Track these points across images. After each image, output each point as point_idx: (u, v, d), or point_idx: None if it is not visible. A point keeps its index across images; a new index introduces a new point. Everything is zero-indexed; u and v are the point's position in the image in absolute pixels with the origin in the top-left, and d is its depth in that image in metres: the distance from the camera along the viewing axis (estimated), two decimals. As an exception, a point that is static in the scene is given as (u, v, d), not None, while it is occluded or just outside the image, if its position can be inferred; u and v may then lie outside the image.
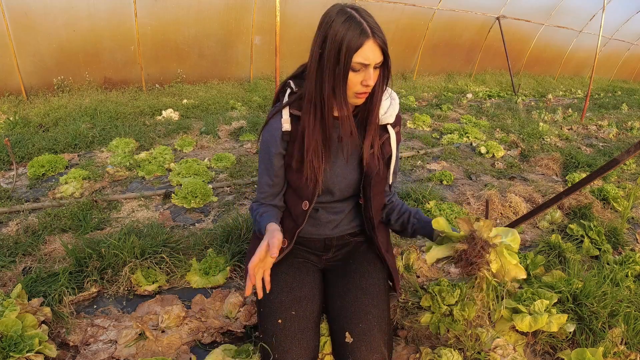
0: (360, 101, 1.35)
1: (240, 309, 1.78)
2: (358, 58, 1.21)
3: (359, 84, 1.27)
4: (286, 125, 1.43)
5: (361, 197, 1.54)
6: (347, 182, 1.50)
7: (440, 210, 2.81)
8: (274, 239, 1.29)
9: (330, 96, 1.29)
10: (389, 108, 1.44)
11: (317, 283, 1.55)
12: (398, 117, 1.50)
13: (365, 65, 1.23)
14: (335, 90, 1.28)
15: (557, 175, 4.10)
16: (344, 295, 1.50)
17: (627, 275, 2.15)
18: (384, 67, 1.30)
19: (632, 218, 3.16)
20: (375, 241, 1.58)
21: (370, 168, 1.45)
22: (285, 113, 1.44)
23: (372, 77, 1.25)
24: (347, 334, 1.38)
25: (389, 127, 1.48)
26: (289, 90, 1.49)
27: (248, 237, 2.31)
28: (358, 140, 1.44)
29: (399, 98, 7.54)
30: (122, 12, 6.01)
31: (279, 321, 1.37)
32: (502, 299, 1.83)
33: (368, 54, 1.21)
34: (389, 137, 1.48)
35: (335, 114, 1.36)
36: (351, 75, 1.25)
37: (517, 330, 1.73)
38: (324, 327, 1.58)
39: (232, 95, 6.50)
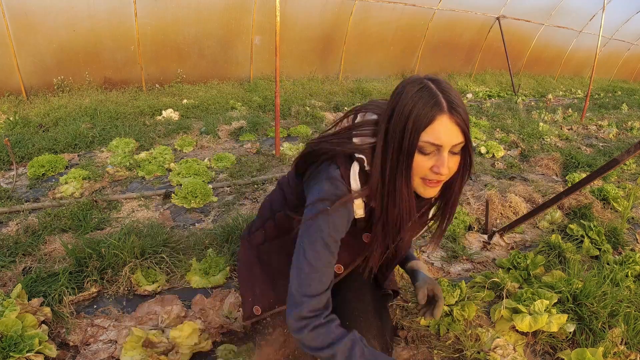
0: (430, 193, 1.08)
1: (240, 309, 1.78)
2: (427, 137, 0.98)
3: (427, 169, 1.02)
4: (359, 212, 1.16)
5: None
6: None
7: (440, 210, 2.81)
8: None
9: (394, 182, 1.05)
10: None
11: None
12: None
13: (438, 147, 1.00)
14: (396, 177, 1.04)
15: (557, 175, 4.10)
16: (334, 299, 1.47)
17: (627, 275, 2.15)
18: (465, 152, 1.04)
19: (632, 218, 3.16)
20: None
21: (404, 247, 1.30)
22: (358, 201, 1.13)
23: (445, 162, 1.00)
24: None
25: None
26: (357, 167, 1.11)
27: (248, 237, 2.31)
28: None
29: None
30: (122, 12, 6.01)
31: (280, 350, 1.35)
32: (502, 298, 1.84)
33: (440, 132, 0.98)
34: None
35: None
36: (418, 158, 1.01)
37: (517, 330, 1.73)
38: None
39: (232, 95, 6.51)
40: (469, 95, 8.66)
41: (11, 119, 4.49)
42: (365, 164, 1.09)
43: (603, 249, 2.53)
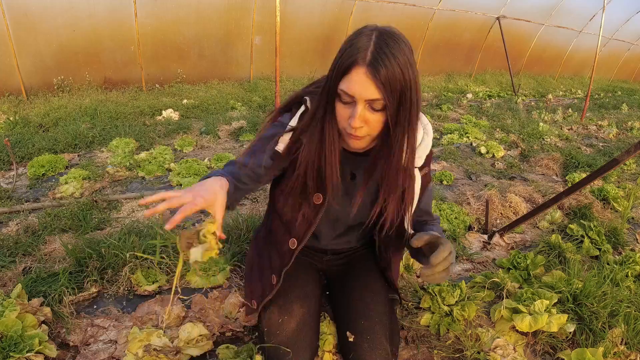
0: (355, 144, 1.08)
1: (241, 309, 1.78)
2: (343, 85, 0.98)
3: (346, 119, 1.02)
4: (281, 146, 1.19)
5: (375, 235, 1.36)
6: (354, 220, 1.34)
7: (440, 210, 2.81)
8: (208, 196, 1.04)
9: (326, 123, 1.07)
10: (418, 147, 1.15)
11: (318, 282, 1.56)
12: (428, 157, 1.25)
13: (352, 98, 0.98)
14: (325, 119, 1.06)
15: (557, 175, 4.10)
16: (346, 294, 1.50)
17: (627, 276, 2.15)
18: (393, 111, 0.99)
19: (632, 218, 3.16)
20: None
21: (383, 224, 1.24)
22: (287, 135, 1.19)
23: (356, 115, 0.98)
24: (347, 332, 1.38)
25: (416, 171, 1.20)
26: (302, 109, 1.19)
27: (248, 237, 2.31)
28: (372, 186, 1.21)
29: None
30: (122, 12, 6.01)
31: (285, 317, 1.38)
32: (503, 298, 1.84)
33: (354, 83, 0.95)
34: (412, 183, 1.20)
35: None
36: (339, 105, 1.02)
37: (517, 330, 1.73)
38: (324, 325, 1.58)
39: (232, 95, 6.50)
40: (469, 95, 8.66)
41: (11, 119, 4.49)
42: (308, 104, 1.16)
43: (603, 249, 2.53)
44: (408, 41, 1.02)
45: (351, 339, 1.37)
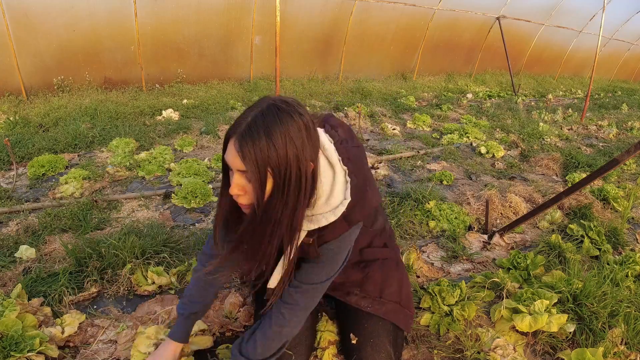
0: (245, 211, 1.09)
1: (240, 309, 1.78)
2: (224, 154, 1.04)
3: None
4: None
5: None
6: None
7: (440, 210, 2.81)
8: None
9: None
10: (317, 214, 1.13)
11: None
12: (332, 228, 1.15)
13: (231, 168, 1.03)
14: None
15: (557, 175, 4.10)
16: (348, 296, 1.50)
17: (627, 276, 2.15)
18: (260, 187, 0.99)
19: (632, 218, 3.16)
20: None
21: None
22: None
23: (233, 184, 1.02)
24: (351, 334, 1.38)
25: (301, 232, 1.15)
26: None
27: (248, 237, 2.31)
28: None
29: (400, 99, 7.37)
30: (122, 12, 6.01)
31: None
32: (503, 298, 1.84)
33: (227, 154, 1.01)
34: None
35: None
36: (229, 175, 1.07)
37: (517, 330, 1.73)
38: (322, 323, 1.58)
39: (232, 95, 6.50)
40: (469, 95, 8.66)
41: (11, 119, 4.49)
42: None
43: (603, 249, 2.53)
44: (303, 117, 1.00)
45: (354, 341, 1.37)
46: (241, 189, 1.02)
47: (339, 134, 1.25)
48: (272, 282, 1.24)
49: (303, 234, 1.15)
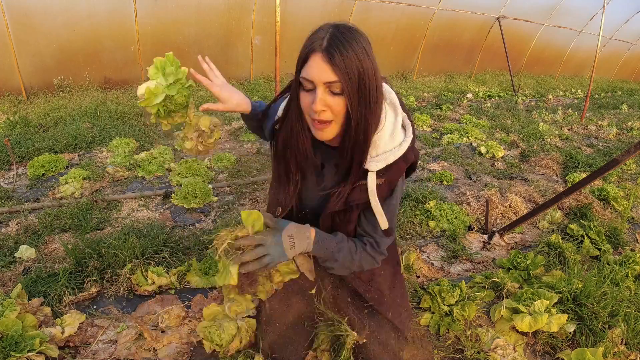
0: (319, 135, 1.09)
1: (240, 309, 1.78)
2: (304, 72, 1.03)
3: (309, 106, 1.05)
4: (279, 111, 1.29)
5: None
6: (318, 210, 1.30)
7: (440, 210, 2.81)
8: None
9: (291, 114, 1.14)
10: (383, 153, 1.13)
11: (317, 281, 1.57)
12: (396, 168, 1.15)
13: (312, 83, 1.02)
14: (291, 109, 1.13)
15: (557, 175, 4.10)
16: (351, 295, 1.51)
17: (627, 276, 2.15)
18: (353, 96, 1.01)
19: (632, 218, 3.16)
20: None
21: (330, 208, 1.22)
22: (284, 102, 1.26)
23: (317, 99, 1.01)
24: (356, 335, 1.39)
25: (369, 174, 1.14)
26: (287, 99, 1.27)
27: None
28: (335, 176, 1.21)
29: (400, 98, 7.45)
30: (122, 12, 6.01)
31: (284, 309, 1.40)
32: (503, 299, 1.84)
33: (311, 68, 1.01)
34: (361, 185, 1.16)
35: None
36: (302, 94, 1.07)
37: (517, 330, 1.73)
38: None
39: (232, 95, 6.50)
40: (469, 95, 8.66)
41: (11, 119, 4.48)
42: None
43: (603, 249, 2.53)
44: (366, 35, 1.05)
45: (360, 342, 1.38)
46: (325, 104, 1.02)
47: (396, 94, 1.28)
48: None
49: (372, 176, 1.14)
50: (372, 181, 1.15)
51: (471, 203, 3.09)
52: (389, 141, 1.12)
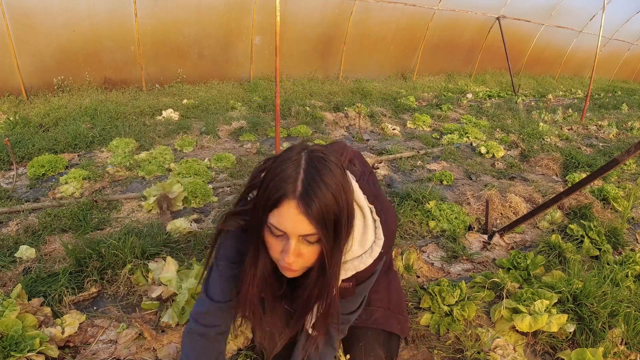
0: (290, 275, 0.99)
1: (240, 309, 1.77)
2: (273, 219, 0.89)
3: (278, 253, 0.93)
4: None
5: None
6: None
7: (440, 210, 2.81)
8: None
9: (260, 247, 0.98)
10: (352, 260, 1.05)
11: None
12: (366, 270, 1.08)
13: (284, 233, 0.89)
14: (255, 249, 0.98)
15: (557, 175, 4.10)
16: None
17: (627, 276, 2.15)
18: (330, 242, 0.91)
19: (632, 218, 3.16)
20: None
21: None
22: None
23: (289, 251, 0.89)
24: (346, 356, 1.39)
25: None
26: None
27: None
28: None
29: (400, 99, 7.33)
30: (122, 12, 6.01)
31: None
32: (503, 299, 1.84)
33: (285, 219, 0.87)
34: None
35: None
36: (270, 239, 0.93)
37: (517, 330, 1.73)
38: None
39: (232, 95, 6.51)
40: (469, 95, 8.66)
41: (11, 119, 4.49)
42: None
43: (603, 249, 2.53)
44: (339, 161, 0.93)
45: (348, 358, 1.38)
46: (298, 255, 0.91)
47: (357, 166, 1.20)
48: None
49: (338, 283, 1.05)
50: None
51: (471, 203, 3.09)
52: (358, 248, 1.04)
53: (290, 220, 0.86)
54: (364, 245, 1.04)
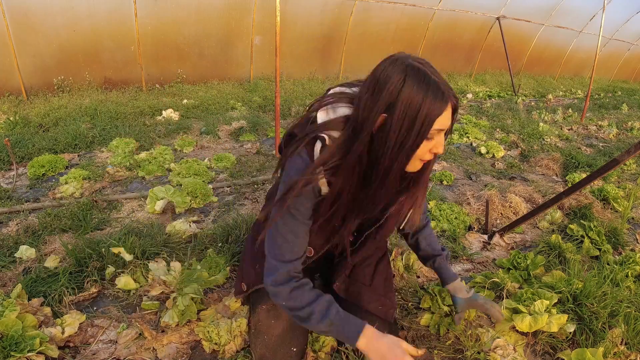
0: (418, 167, 1.16)
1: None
2: (437, 125, 1.05)
3: (427, 152, 1.10)
4: (324, 188, 1.19)
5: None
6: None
7: (440, 210, 2.81)
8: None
9: (388, 168, 1.09)
10: None
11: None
12: None
13: (439, 131, 1.08)
14: (395, 163, 1.08)
15: (557, 176, 4.10)
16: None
17: (627, 276, 2.15)
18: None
19: (632, 218, 3.16)
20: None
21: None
22: (323, 180, 1.17)
23: (443, 143, 1.10)
24: None
25: None
26: (319, 145, 1.15)
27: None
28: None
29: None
30: (122, 12, 6.01)
31: (272, 321, 1.41)
32: (503, 299, 1.84)
33: (446, 118, 1.06)
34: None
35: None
36: (422, 143, 1.08)
37: (517, 331, 1.73)
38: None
39: (232, 95, 6.50)
40: (469, 95, 8.66)
41: (11, 119, 4.48)
42: (327, 141, 1.13)
43: (603, 249, 2.53)
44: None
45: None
46: None
47: None
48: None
49: None
50: None
51: (471, 203, 3.09)
52: None
53: (448, 118, 1.06)
54: None
